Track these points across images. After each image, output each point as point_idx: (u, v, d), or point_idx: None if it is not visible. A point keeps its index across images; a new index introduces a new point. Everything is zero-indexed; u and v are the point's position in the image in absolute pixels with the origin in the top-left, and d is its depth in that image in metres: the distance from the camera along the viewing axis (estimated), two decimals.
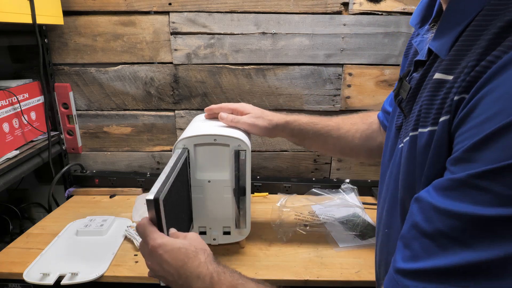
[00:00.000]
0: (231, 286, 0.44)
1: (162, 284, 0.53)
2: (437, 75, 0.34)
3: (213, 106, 0.79)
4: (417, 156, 0.36)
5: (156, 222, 0.53)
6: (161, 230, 0.53)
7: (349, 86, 1.04)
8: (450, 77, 0.32)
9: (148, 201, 0.51)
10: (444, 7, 0.37)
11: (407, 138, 0.40)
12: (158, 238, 0.49)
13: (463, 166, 0.28)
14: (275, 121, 0.74)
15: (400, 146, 0.44)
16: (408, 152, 0.39)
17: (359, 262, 0.75)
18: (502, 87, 0.26)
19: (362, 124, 0.76)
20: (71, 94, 1.04)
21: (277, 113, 0.77)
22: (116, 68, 1.03)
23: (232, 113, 0.77)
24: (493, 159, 0.25)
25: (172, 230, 0.55)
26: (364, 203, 0.97)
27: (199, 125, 0.77)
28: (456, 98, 0.30)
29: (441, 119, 0.32)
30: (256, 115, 0.75)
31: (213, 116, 0.80)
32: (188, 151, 0.70)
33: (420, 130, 0.36)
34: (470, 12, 0.31)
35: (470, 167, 0.27)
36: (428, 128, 0.34)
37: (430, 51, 0.38)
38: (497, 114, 0.26)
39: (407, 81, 0.44)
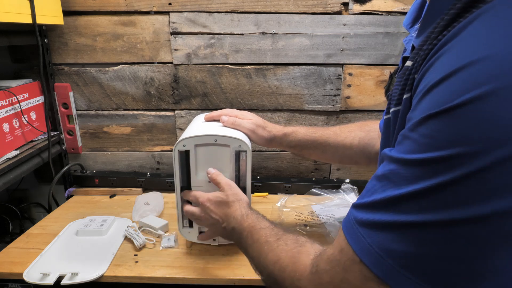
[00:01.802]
0: (251, 222, 0.59)
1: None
2: (407, 63, 0.38)
3: (213, 112, 0.79)
4: (390, 136, 0.41)
5: (185, 169, 0.71)
6: (189, 174, 0.72)
7: (349, 86, 1.04)
8: (411, 63, 0.37)
9: (179, 152, 0.70)
10: None
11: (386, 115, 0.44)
12: (204, 195, 0.68)
13: (408, 123, 0.33)
14: (274, 133, 0.77)
15: None
16: (384, 133, 0.44)
17: None
18: (437, 63, 0.32)
19: (359, 131, 0.77)
20: (71, 94, 1.04)
21: (276, 125, 0.79)
22: (116, 68, 1.03)
23: None
24: (417, 115, 0.31)
25: (212, 171, 0.71)
26: None
27: (200, 126, 0.77)
28: (416, 77, 0.35)
29: (404, 96, 0.37)
30: (258, 123, 0.76)
31: (214, 120, 0.80)
32: (188, 152, 0.70)
33: (392, 109, 0.41)
34: (444, 9, 0.34)
35: (409, 124, 0.33)
36: (394, 108, 0.40)
37: (413, 47, 0.42)
38: (429, 81, 0.31)
39: (396, 77, 0.47)
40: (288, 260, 0.46)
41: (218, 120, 0.78)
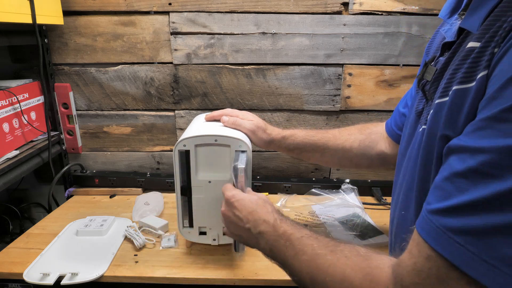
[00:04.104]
0: (288, 229, 0.51)
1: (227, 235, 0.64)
2: (469, 44, 0.37)
3: (214, 112, 0.79)
4: (465, 109, 0.36)
5: (186, 169, 0.70)
6: (189, 174, 0.71)
7: (349, 86, 1.04)
8: (479, 44, 0.35)
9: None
10: None
11: (441, 99, 0.41)
12: (232, 190, 0.61)
13: (494, 103, 0.30)
14: (272, 136, 0.76)
15: (420, 129, 0.46)
16: (451, 104, 0.39)
17: None
18: None
19: (359, 134, 0.77)
20: (71, 94, 1.04)
21: (276, 128, 0.78)
22: (116, 68, 1.03)
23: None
24: None
25: (248, 189, 0.64)
26: (364, 203, 0.98)
27: (200, 125, 0.77)
28: (497, 52, 0.33)
29: (480, 75, 0.34)
30: (258, 124, 0.76)
31: (214, 119, 0.80)
32: (188, 152, 0.70)
33: (454, 88, 0.37)
34: None
35: (501, 102, 0.29)
36: (459, 86, 0.36)
37: (460, 31, 0.41)
38: None
39: (433, 65, 0.46)
40: (360, 277, 0.40)
41: (218, 120, 0.78)
